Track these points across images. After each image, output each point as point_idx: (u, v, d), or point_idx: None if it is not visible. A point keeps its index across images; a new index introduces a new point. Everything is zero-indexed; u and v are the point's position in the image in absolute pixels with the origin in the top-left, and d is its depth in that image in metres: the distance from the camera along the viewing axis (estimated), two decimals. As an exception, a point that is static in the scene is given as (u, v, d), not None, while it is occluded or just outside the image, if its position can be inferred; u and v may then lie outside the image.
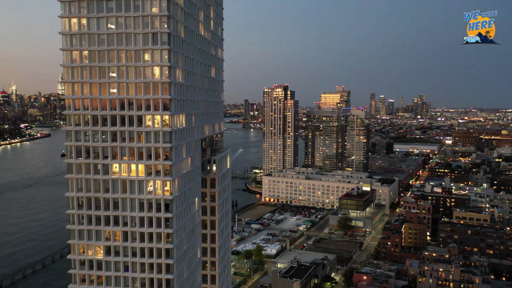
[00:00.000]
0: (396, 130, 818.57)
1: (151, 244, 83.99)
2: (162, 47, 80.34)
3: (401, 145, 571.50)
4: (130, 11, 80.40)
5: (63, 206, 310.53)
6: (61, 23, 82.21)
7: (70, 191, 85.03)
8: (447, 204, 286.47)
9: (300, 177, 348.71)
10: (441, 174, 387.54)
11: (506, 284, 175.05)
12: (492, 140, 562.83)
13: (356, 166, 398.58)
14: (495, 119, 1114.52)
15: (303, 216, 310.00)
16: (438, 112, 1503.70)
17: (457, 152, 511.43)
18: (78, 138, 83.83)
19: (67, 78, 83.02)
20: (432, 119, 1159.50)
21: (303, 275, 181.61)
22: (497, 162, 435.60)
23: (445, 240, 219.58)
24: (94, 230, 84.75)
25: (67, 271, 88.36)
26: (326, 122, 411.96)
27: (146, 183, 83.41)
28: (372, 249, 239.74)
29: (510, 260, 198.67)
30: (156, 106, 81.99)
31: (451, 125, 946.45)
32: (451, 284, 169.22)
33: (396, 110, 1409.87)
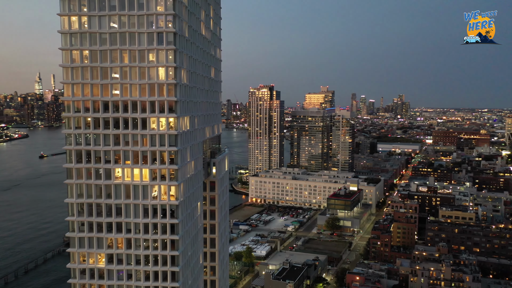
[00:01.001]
0: (378, 130, 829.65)
1: (156, 251, 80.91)
2: (168, 47, 77.39)
3: (383, 144, 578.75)
4: (134, 9, 77.12)
5: (45, 209, 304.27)
6: (60, 21, 78.17)
7: (70, 197, 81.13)
8: (433, 203, 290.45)
9: (287, 177, 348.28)
10: (425, 173, 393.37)
11: (494, 282, 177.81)
12: (471, 139, 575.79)
13: (341, 166, 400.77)
14: (472, 118, 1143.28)
15: (291, 216, 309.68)
16: (417, 112, 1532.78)
17: (438, 152, 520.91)
18: (78, 142, 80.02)
19: (67, 79, 79.08)
20: (412, 119, 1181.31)
21: (295, 276, 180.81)
22: (477, 161, 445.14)
23: (433, 239, 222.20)
24: (95, 238, 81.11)
25: (67, 280, 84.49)
26: (311, 123, 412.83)
27: (151, 188, 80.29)
28: (361, 249, 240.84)
29: (496, 257, 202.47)
30: (161, 108, 78.93)
31: (430, 124, 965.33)
32: (442, 283, 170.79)
33: (376, 110, 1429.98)
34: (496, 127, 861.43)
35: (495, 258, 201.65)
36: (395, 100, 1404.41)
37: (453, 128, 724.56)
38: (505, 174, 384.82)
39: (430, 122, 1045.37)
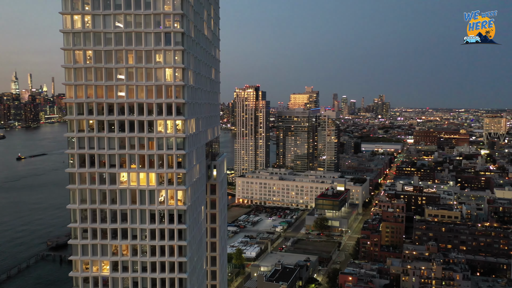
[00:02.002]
0: (360, 129, 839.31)
1: (163, 258, 78.51)
2: (176, 48, 75.16)
3: (366, 144, 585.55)
4: (141, 8, 74.58)
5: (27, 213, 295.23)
6: (62, 20, 75.00)
7: (72, 203, 77.97)
8: (418, 202, 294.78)
9: (274, 177, 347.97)
10: (408, 173, 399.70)
11: (482, 279, 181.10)
12: (451, 139, 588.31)
13: (327, 166, 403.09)
14: (450, 118, 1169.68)
15: (279, 217, 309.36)
16: (397, 112, 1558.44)
17: (420, 151, 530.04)
18: (81, 145, 76.93)
19: (69, 80, 75.95)
20: (392, 119, 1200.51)
21: (288, 278, 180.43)
22: (458, 160, 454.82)
23: (421, 238, 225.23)
24: (99, 245, 78.18)
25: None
26: (297, 123, 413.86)
27: (158, 193, 77.88)
28: (350, 248, 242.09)
29: (482, 255, 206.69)
30: (168, 111, 76.61)
31: (411, 124, 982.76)
32: (433, 282, 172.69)
33: (358, 110, 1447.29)
34: (473, 126, 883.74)
35: (482, 256, 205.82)
36: (376, 100, 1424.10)
37: (433, 128, 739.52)
38: (485, 173, 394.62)
39: (410, 122, 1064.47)
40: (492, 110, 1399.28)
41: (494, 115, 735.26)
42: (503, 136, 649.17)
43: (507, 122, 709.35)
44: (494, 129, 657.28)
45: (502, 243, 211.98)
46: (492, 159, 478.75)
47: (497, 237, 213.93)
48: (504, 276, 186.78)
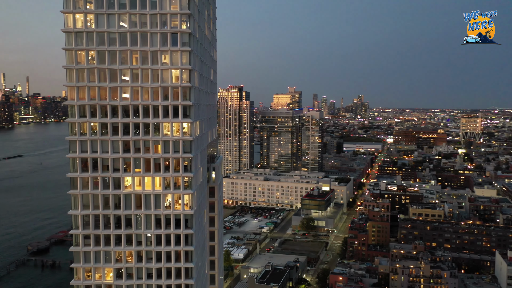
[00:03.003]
0: (340, 129, 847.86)
1: (169, 264, 76.46)
2: (183, 49, 73.25)
3: (348, 144, 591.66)
4: (146, 8, 72.37)
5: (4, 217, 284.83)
6: (64, 19, 72.10)
7: (74, 208, 75.05)
8: (402, 201, 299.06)
9: (259, 178, 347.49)
10: (390, 172, 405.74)
11: (467, 277, 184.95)
12: (429, 138, 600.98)
13: (311, 166, 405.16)
14: (427, 118, 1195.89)
15: (264, 217, 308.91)
16: (376, 112, 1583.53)
17: (400, 151, 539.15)
18: (83, 149, 74.13)
19: (71, 81, 73.05)
20: (371, 119, 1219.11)
21: (279, 279, 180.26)
22: (438, 159, 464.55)
23: (406, 236, 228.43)
24: (102, 252, 75.53)
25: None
26: (280, 123, 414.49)
27: (163, 198, 75.80)
28: (337, 248, 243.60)
29: (466, 253, 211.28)
30: (175, 113, 74.60)
31: (389, 124, 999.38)
32: (422, 280, 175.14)
33: (337, 110, 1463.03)
34: (449, 126, 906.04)
35: (466, 253, 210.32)
36: (355, 101, 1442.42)
37: (411, 128, 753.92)
38: (464, 171, 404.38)
39: (389, 122, 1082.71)
40: (466, 110, 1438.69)
41: (470, 115, 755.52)
42: (479, 135, 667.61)
43: (482, 122, 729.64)
44: (470, 129, 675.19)
45: (485, 240, 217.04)
46: (470, 158, 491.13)
47: (480, 234, 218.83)
48: (488, 273, 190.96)
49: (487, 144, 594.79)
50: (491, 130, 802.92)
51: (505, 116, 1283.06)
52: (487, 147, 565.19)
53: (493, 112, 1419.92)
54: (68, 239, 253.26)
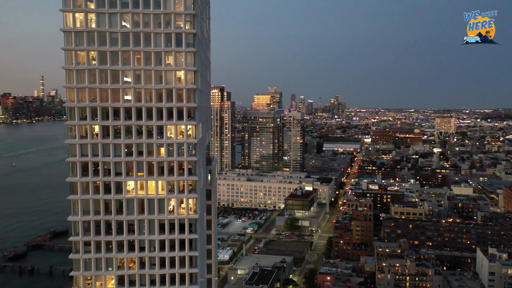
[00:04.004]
0: (319, 129, 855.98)
1: (173, 269, 74.61)
2: (187, 50, 71.57)
3: (327, 144, 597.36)
4: (150, 7, 70.32)
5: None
6: (63, 17, 69.32)
7: (74, 214, 72.28)
8: (384, 200, 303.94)
9: (241, 179, 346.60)
10: (370, 172, 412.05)
11: (450, 273, 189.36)
12: (406, 138, 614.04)
13: (293, 166, 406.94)
14: (402, 118, 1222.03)
15: (248, 218, 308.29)
16: (352, 112, 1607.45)
17: (379, 150, 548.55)
18: (84, 153, 71.44)
19: (70, 83, 70.30)
20: (348, 119, 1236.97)
21: (267, 280, 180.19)
22: (415, 158, 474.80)
23: (389, 235, 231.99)
24: (103, 258, 73.03)
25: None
26: (262, 124, 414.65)
27: (167, 202, 73.91)
28: (322, 248, 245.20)
29: (447, 250, 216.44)
30: (179, 115, 72.84)
31: (366, 124, 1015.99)
32: (408, 278, 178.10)
33: (315, 111, 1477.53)
34: (424, 126, 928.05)
35: (447, 250, 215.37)
36: (332, 101, 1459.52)
37: (388, 128, 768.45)
38: (441, 170, 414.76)
39: (366, 122, 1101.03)
40: (439, 110, 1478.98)
41: (445, 115, 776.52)
42: (453, 135, 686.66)
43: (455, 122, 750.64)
44: (444, 129, 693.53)
45: (465, 237, 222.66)
46: (445, 157, 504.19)
47: (460, 232, 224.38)
48: (469, 269, 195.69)
49: (461, 143, 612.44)
50: (463, 129, 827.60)
51: (476, 116, 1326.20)
52: (461, 146, 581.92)
53: (465, 112, 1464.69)
54: (47, 243, 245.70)
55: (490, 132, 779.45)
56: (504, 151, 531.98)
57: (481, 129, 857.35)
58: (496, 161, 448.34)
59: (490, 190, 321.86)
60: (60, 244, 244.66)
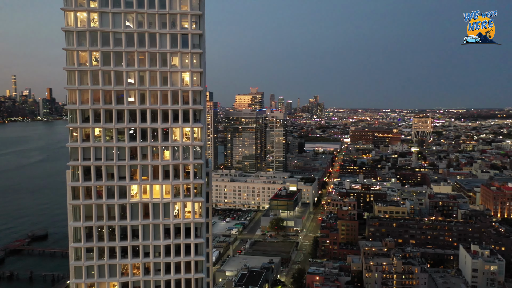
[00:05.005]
0: (298, 129, 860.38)
1: (178, 275, 73.04)
2: (194, 50, 70.09)
3: (308, 144, 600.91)
4: (155, 7, 68.57)
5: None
6: (65, 17, 66.78)
7: (75, 220, 69.74)
8: (367, 200, 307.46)
9: (225, 179, 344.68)
10: (351, 171, 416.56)
11: (434, 271, 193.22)
12: (385, 138, 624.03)
13: (276, 166, 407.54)
14: (380, 118, 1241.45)
15: (232, 219, 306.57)
16: (331, 112, 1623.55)
17: (359, 150, 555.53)
18: (86, 156, 69.04)
19: (72, 84, 67.79)
20: (327, 119, 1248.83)
21: (257, 281, 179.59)
22: (394, 158, 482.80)
23: (374, 234, 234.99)
24: (107, 265, 70.78)
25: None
26: (244, 124, 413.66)
27: (172, 206, 72.25)
28: (307, 248, 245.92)
29: (430, 247, 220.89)
30: (185, 117, 71.27)
31: (345, 124, 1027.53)
32: (395, 276, 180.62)
33: (294, 111, 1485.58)
34: (401, 126, 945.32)
35: (430, 248, 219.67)
36: (311, 101, 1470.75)
37: (367, 127, 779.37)
38: (420, 169, 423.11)
39: (345, 121, 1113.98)
40: (414, 110, 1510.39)
41: (421, 115, 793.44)
42: (429, 134, 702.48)
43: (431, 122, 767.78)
44: (421, 128, 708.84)
45: (447, 235, 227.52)
46: (423, 156, 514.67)
47: (442, 230, 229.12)
48: (452, 266, 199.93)
49: (437, 142, 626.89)
50: (439, 129, 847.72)
51: (450, 116, 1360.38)
52: (438, 146, 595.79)
53: (439, 112, 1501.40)
54: (25, 248, 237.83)
55: (464, 132, 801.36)
56: (479, 150, 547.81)
57: (456, 129, 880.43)
58: (471, 160, 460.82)
59: (468, 188, 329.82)
60: (40, 248, 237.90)
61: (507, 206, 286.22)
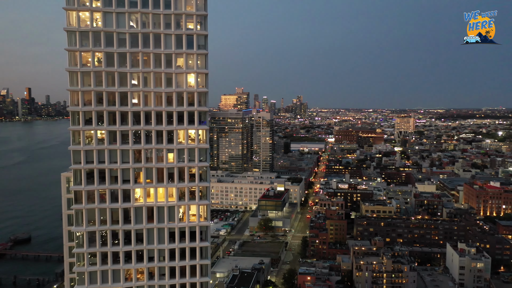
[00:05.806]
0: (283, 129, 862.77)
1: (183, 279, 71.88)
2: (199, 51, 69.06)
3: (292, 144, 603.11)
4: (159, 8, 67.25)
5: None
6: (67, 16, 64.91)
7: (78, 225, 67.90)
8: (354, 199, 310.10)
9: (212, 180, 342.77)
10: (337, 171, 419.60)
11: (422, 269, 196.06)
12: (369, 137, 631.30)
13: (263, 166, 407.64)
14: (362, 118, 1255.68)
15: (220, 220, 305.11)
16: (314, 112, 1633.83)
17: (344, 150, 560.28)
18: (89, 159, 67.26)
19: (75, 85, 65.93)
20: (311, 119, 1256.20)
21: (248, 283, 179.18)
22: (379, 157, 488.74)
23: (362, 233, 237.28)
24: (110, 270, 69.15)
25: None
26: (230, 124, 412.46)
27: (177, 209, 71.05)
28: (296, 248, 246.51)
29: (417, 246, 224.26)
30: (190, 119, 70.19)
31: (329, 124, 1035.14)
32: (385, 275, 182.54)
33: (278, 111, 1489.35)
34: (383, 125, 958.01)
35: (417, 246, 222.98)
36: (294, 101, 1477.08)
37: (351, 127, 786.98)
38: (404, 168, 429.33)
39: (328, 121, 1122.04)
40: (396, 110, 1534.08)
41: (404, 116, 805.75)
42: (412, 134, 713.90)
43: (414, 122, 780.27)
44: (404, 128, 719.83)
45: (433, 233, 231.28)
46: (406, 155, 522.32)
47: (429, 228, 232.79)
48: (439, 264, 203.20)
49: (419, 142, 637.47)
50: (420, 129, 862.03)
51: (430, 115, 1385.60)
52: (420, 145, 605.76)
53: (420, 112, 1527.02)
54: (8, 252, 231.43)
55: (445, 131, 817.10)
56: (460, 149, 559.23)
57: (437, 128, 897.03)
58: (453, 159, 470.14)
59: (451, 187, 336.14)
60: (23, 252, 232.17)
61: (489, 204, 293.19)
